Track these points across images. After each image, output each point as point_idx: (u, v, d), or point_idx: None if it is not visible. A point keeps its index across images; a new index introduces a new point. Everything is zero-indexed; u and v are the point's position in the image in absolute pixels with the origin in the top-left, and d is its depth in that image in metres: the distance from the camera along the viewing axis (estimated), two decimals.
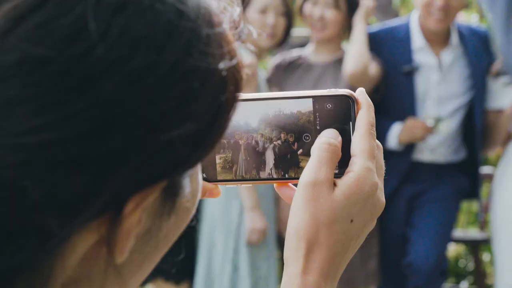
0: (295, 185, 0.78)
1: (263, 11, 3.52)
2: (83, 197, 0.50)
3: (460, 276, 4.95)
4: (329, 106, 0.76)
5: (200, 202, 3.21)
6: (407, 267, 3.67)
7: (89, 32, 0.49)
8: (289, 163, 0.78)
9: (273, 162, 0.78)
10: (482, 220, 4.44)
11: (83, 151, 0.49)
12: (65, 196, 0.49)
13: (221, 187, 0.82)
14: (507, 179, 3.66)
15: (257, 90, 3.31)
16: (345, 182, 0.73)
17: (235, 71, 0.59)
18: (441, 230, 3.68)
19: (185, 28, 0.54)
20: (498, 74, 3.65)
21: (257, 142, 0.77)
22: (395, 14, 5.15)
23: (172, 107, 0.53)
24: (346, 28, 3.63)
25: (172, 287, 3.62)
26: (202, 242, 3.59)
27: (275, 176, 0.79)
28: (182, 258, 3.41)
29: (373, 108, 0.77)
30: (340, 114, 0.77)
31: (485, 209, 4.34)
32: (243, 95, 0.70)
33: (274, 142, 0.77)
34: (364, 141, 0.75)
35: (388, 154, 3.55)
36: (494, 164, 4.34)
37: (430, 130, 3.53)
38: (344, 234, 0.73)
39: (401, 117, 3.58)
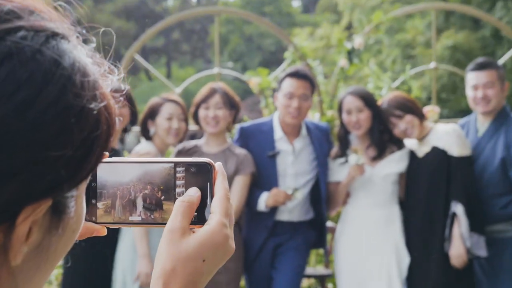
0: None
1: (169, 118, 3.57)
2: None
3: None
4: (193, 169, 0.74)
5: (114, 251, 3.13)
6: None
7: None
8: (154, 207, 0.75)
9: (142, 205, 0.75)
10: (326, 260, 4.45)
11: None
12: None
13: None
14: (345, 230, 3.71)
15: None
16: (201, 231, 0.71)
17: (108, 114, 0.57)
18: (296, 270, 3.65)
19: (61, 75, 0.52)
20: (336, 157, 3.70)
21: (130, 192, 0.75)
22: (260, 112, 5.19)
23: (52, 134, 0.50)
24: (230, 123, 3.62)
25: None
26: (117, 283, 3.52)
27: (144, 218, 0.75)
28: None
29: (227, 177, 0.76)
30: (202, 175, 0.75)
31: (329, 252, 4.36)
32: (122, 158, 0.75)
33: (143, 192, 0.75)
34: (222, 203, 0.72)
35: (259, 214, 3.63)
36: (334, 220, 4.37)
37: (289, 197, 3.50)
38: (196, 269, 0.69)
39: (268, 188, 3.56)
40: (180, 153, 3.56)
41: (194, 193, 0.73)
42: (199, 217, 0.73)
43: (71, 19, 0.62)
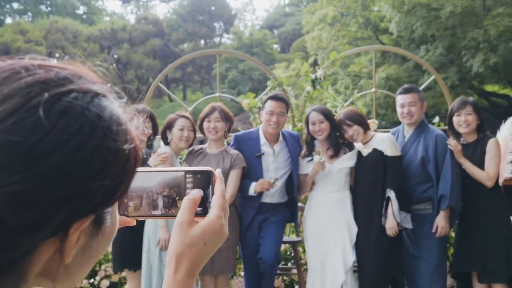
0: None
1: (181, 129, 3.52)
2: (40, 224, 0.47)
3: (287, 260, 4.87)
4: (198, 176, 0.72)
5: (142, 225, 3.07)
6: (259, 260, 3.57)
7: (43, 127, 0.47)
8: (171, 204, 0.72)
9: (162, 204, 0.72)
10: (297, 231, 4.42)
11: (39, 196, 0.46)
12: (30, 223, 0.46)
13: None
14: (311, 209, 3.69)
15: (172, 165, 3.38)
16: (202, 222, 0.69)
17: (135, 151, 0.55)
18: (277, 239, 3.62)
19: (102, 126, 0.51)
20: (304, 156, 3.68)
21: (153, 193, 0.72)
22: (250, 124, 5.16)
23: (95, 170, 0.49)
24: (226, 132, 3.58)
25: (131, 273, 3.58)
26: (144, 247, 3.49)
27: (163, 212, 0.72)
28: (135, 258, 3.50)
29: (224, 180, 0.73)
30: (205, 180, 0.72)
31: (299, 225, 4.33)
32: (147, 169, 0.71)
33: (163, 193, 0.72)
34: (219, 200, 0.71)
35: (249, 198, 3.61)
36: (303, 201, 4.34)
37: (271, 185, 3.50)
38: (199, 251, 0.68)
39: (256, 179, 3.55)
40: (190, 153, 3.56)
41: (196, 192, 0.71)
42: (203, 210, 0.71)
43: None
